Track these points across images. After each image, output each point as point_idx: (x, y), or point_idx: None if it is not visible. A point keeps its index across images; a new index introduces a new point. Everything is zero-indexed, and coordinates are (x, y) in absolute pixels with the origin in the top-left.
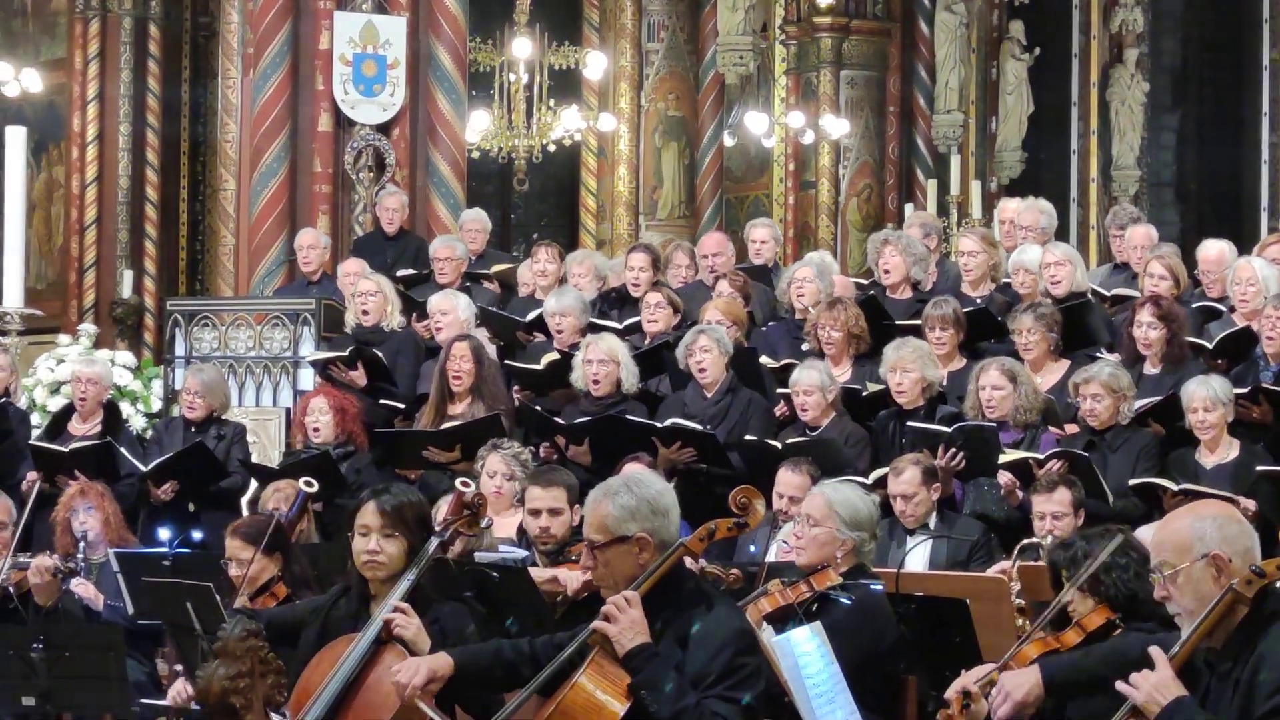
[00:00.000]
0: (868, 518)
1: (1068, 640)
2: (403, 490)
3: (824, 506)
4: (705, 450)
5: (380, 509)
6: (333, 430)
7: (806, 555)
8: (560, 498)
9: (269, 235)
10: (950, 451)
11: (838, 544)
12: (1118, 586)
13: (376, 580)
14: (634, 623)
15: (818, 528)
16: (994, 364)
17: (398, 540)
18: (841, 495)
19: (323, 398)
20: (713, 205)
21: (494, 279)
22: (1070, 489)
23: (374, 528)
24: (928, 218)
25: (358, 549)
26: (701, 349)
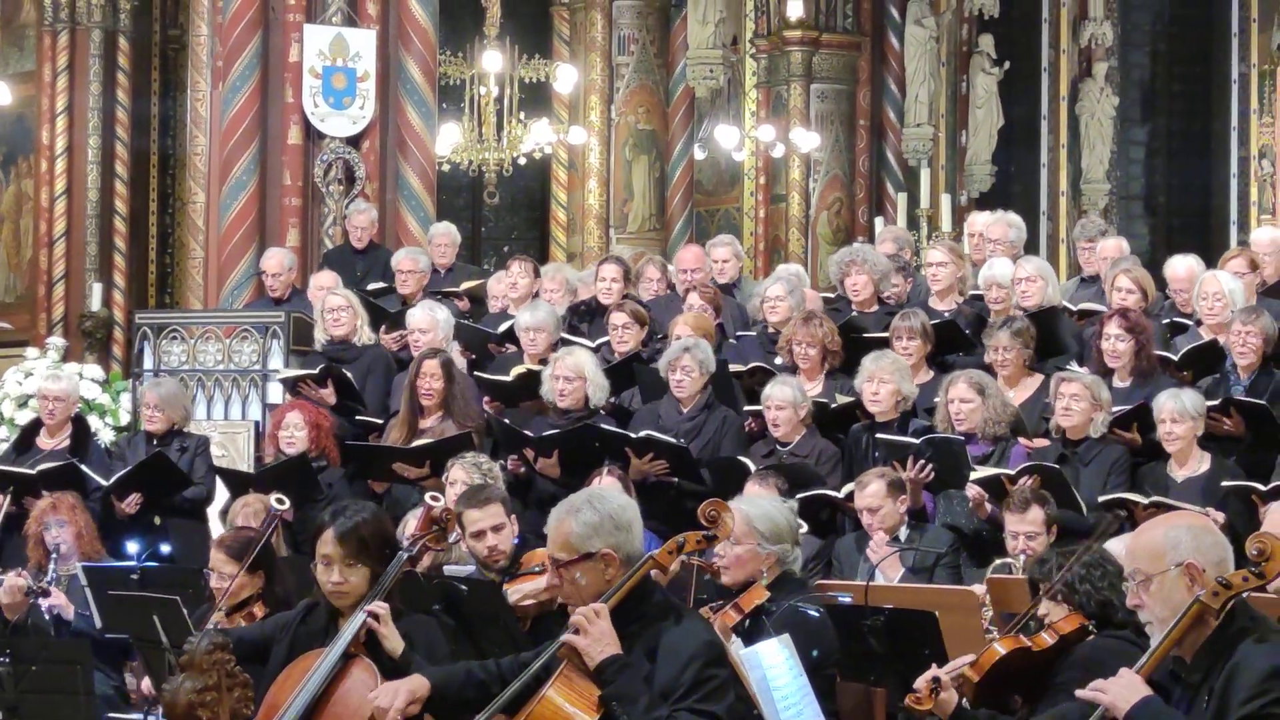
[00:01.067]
0: (787, 528)
1: (1040, 642)
2: (359, 509)
3: (743, 524)
4: (677, 464)
5: (339, 537)
6: (307, 444)
7: (732, 574)
8: (498, 513)
9: (238, 248)
10: (919, 463)
11: (761, 559)
12: (1090, 594)
13: (343, 607)
14: (603, 634)
15: (739, 546)
16: (962, 376)
17: (359, 568)
18: (758, 509)
19: (298, 412)
20: (683, 218)
21: (462, 297)
22: (1043, 507)
23: (335, 558)
24: (898, 231)
25: (321, 579)
26: (683, 368)
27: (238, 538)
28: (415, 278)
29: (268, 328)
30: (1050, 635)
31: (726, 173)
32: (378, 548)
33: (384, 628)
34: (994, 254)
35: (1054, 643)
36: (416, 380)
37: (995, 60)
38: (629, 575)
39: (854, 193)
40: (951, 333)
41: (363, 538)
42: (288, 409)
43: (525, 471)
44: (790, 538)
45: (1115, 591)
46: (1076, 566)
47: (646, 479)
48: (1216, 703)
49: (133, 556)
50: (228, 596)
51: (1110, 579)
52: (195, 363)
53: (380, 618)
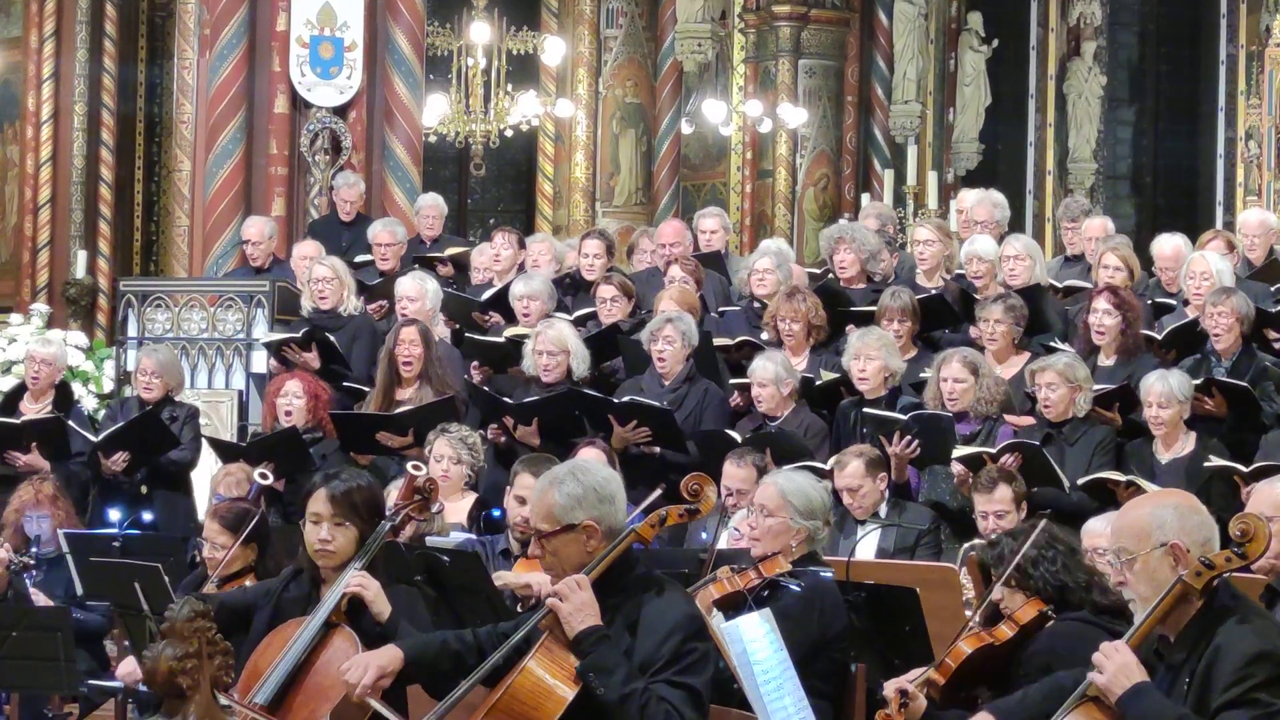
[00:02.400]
0: (821, 505)
1: (1000, 635)
2: (354, 475)
3: (777, 496)
4: (661, 431)
5: (331, 496)
6: (304, 415)
7: (762, 546)
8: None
9: (224, 217)
10: (905, 439)
11: (792, 533)
12: (1045, 578)
13: (328, 568)
14: (584, 604)
15: (772, 518)
16: (956, 355)
17: (348, 528)
18: (794, 484)
19: (299, 381)
20: (669, 193)
21: (446, 262)
22: (1010, 485)
23: (325, 516)
24: (883, 208)
25: (309, 537)
26: (665, 338)
27: (233, 509)
28: (394, 250)
29: (253, 296)
30: (1010, 627)
31: (713, 148)
32: (368, 512)
33: (370, 591)
34: (980, 232)
35: (1014, 634)
36: (395, 348)
37: (984, 38)
38: (611, 548)
39: (841, 169)
40: (940, 308)
41: (355, 500)
42: (288, 377)
43: (506, 441)
44: (823, 516)
45: (1070, 573)
46: (1028, 549)
47: (629, 448)
48: (1198, 686)
49: (115, 524)
50: (220, 567)
51: (1063, 559)
52: (180, 331)
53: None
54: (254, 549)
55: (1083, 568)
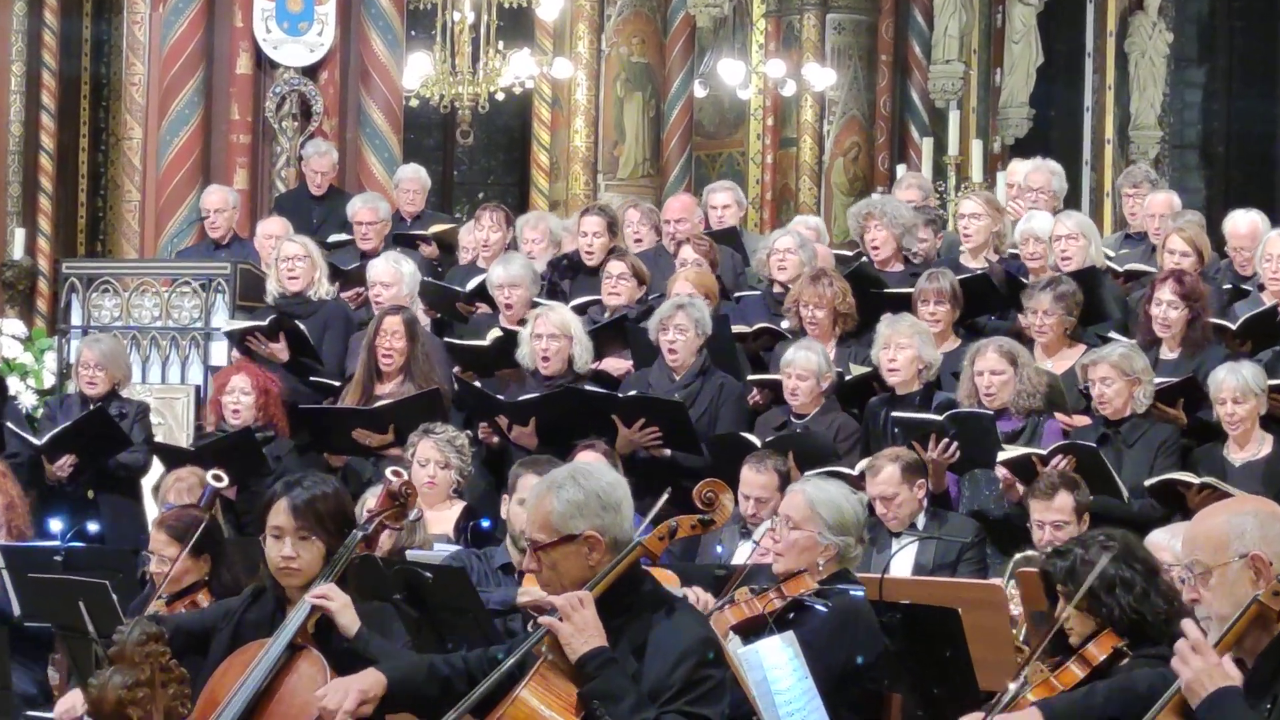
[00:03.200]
0: (854, 520)
1: (1068, 680)
2: (317, 481)
3: (805, 507)
4: (672, 430)
5: (293, 507)
6: (253, 412)
7: (785, 561)
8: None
9: (179, 191)
10: (943, 442)
11: (819, 549)
12: (1121, 608)
13: (293, 587)
14: (587, 624)
15: (798, 531)
16: (990, 345)
17: (314, 543)
18: (825, 494)
19: (245, 376)
20: (680, 163)
21: (430, 240)
22: (1072, 492)
23: (287, 529)
24: (922, 181)
25: (271, 554)
26: (677, 326)
27: (181, 517)
28: (376, 229)
29: (211, 280)
30: (1080, 667)
31: (730, 113)
32: (335, 524)
33: (336, 604)
34: (1033, 205)
35: (1086, 675)
36: (376, 339)
37: None
38: (616, 562)
39: (874, 137)
40: (983, 289)
41: (319, 511)
42: (232, 372)
43: (499, 442)
44: (855, 532)
45: (1147, 600)
46: (1105, 567)
47: (636, 452)
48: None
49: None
50: (169, 582)
51: (1143, 583)
52: (129, 318)
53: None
54: (207, 561)
55: (1164, 594)
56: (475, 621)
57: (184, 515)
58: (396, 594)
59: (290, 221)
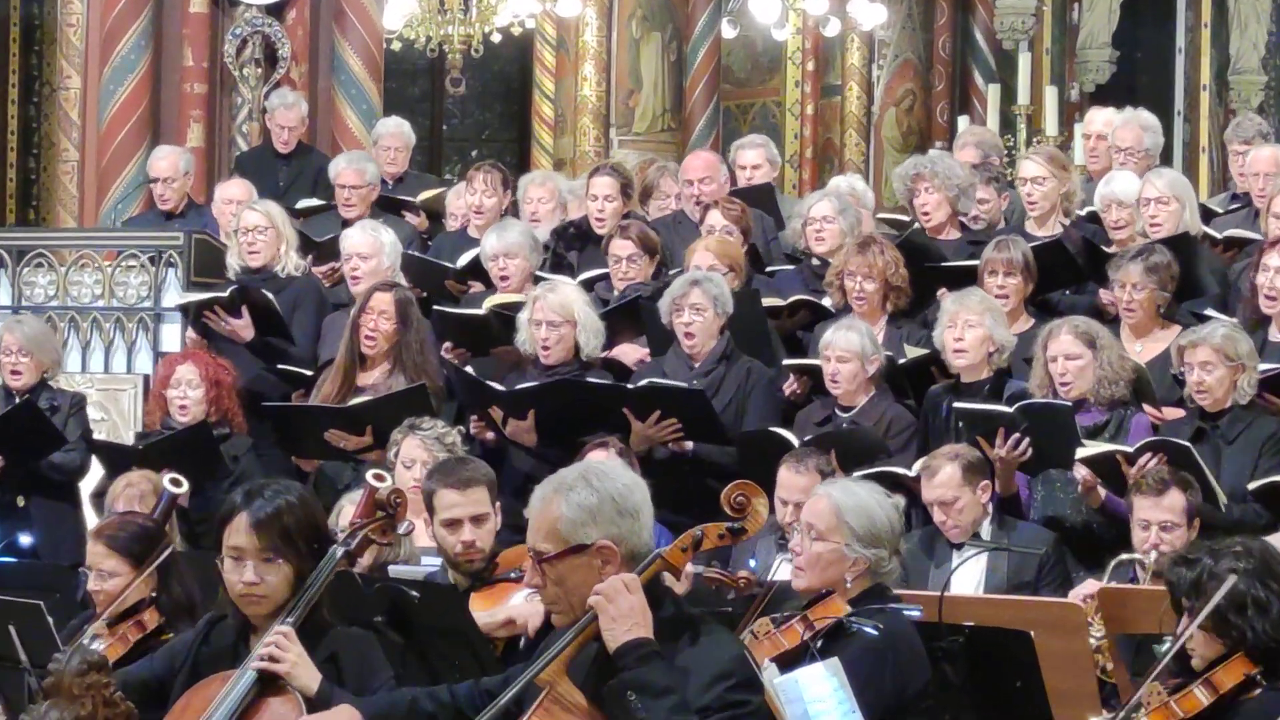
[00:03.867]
0: (887, 529)
1: (1190, 706)
2: (281, 490)
3: (831, 515)
4: (693, 421)
5: (255, 523)
6: (203, 407)
7: (807, 578)
8: (482, 499)
9: (124, 149)
10: (1012, 438)
11: (847, 564)
12: (1254, 631)
13: (259, 616)
14: (631, 611)
15: (822, 542)
16: (1064, 326)
17: (281, 566)
18: (854, 500)
19: (192, 365)
20: (706, 116)
21: (418, 210)
22: (1185, 491)
23: (249, 551)
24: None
25: (230, 579)
26: (693, 307)
27: (124, 525)
28: (362, 195)
29: (162, 253)
30: (1206, 693)
31: (764, 57)
32: (305, 540)
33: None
34: (1123, 165)
35: (1211, 703)
36: (360, 318)
37: None
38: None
39: (931, 84)
40: (1057, 259)
41: (286, 527)
42: (178, 360)
43: (494, 438)
44: (890, 543)
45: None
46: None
47: (654, 450)
48: None
49: None
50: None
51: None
52: (67, 297)
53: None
54: (153, 576)
55: None
56: (470, 647)
57: (128, 523)
58: (377, 616)
59: (253, 184)
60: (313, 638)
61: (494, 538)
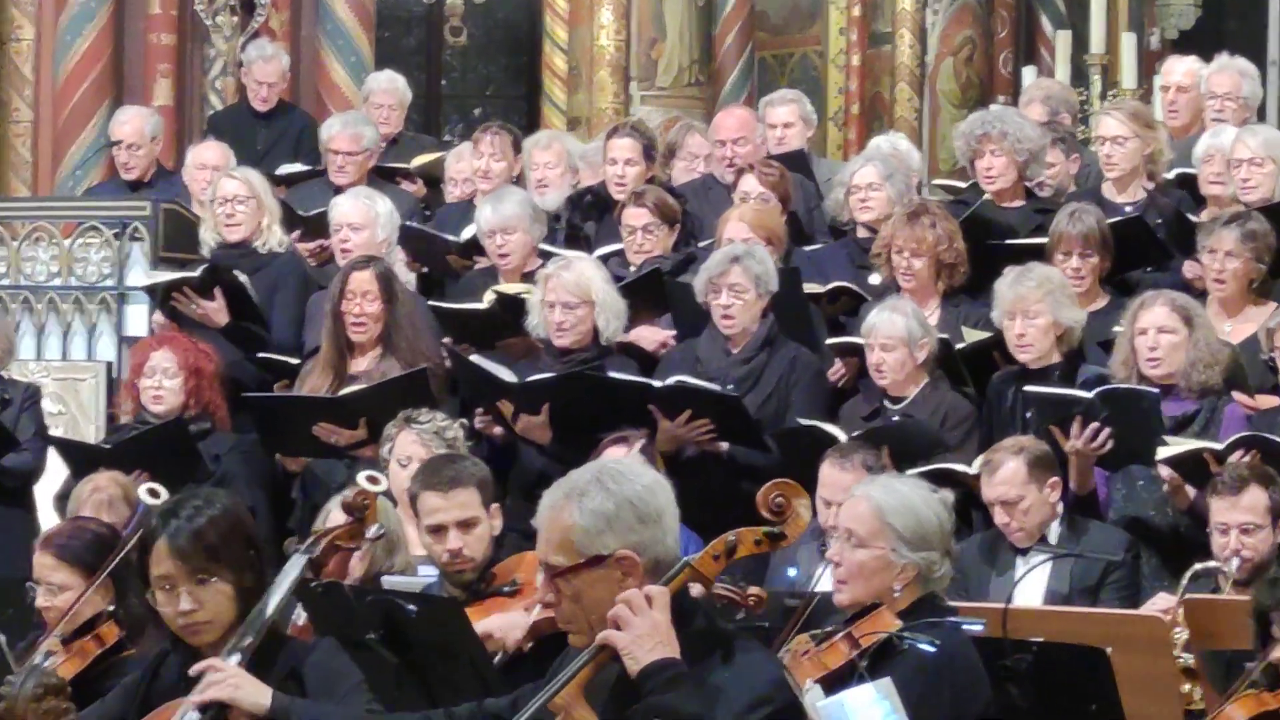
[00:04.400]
0: (936, 528)
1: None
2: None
3: (872, 518)
4: (726, 422)
5: (175, 549)
6: (181, 397)
7: (850, 591)
8: (470, 501)
9: (83, 108)
10: (1090, 427)
11: (894, 571)
12: None
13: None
14: (654, 629)
15: (864, 549)
16: (1158, 300)
17: (216, 585)
18: (897, 499)
19: (168, 351)
20: (739, 68)
21: (415, 177)
22: (1267, 488)
23: (178, 577)
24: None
25: (167, 611)
26: (732, 287)
27: (75, 533)
28: (357, 163)
29: (126, 225)
30: None
31: (803, 1)
32: (236, 550)
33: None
34: (1219, 114)
35: None
36: (342, 302)
37: None
38: None
39: (993, 30)
40: (1138, 235)
41: (211, 542)
42: (152, 345)
43: (502, 434)
44: (940, 544)
45: None
46: None
47: (683, 450)
48: None
49: None
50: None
51: None
52: (20, 275)
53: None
54: (109, 586)
55: None
56: (472, 667)
57: (77, 531)
58: (370, 632)
59: (230, 147)
60: (268, 655)
61: (488, 544)
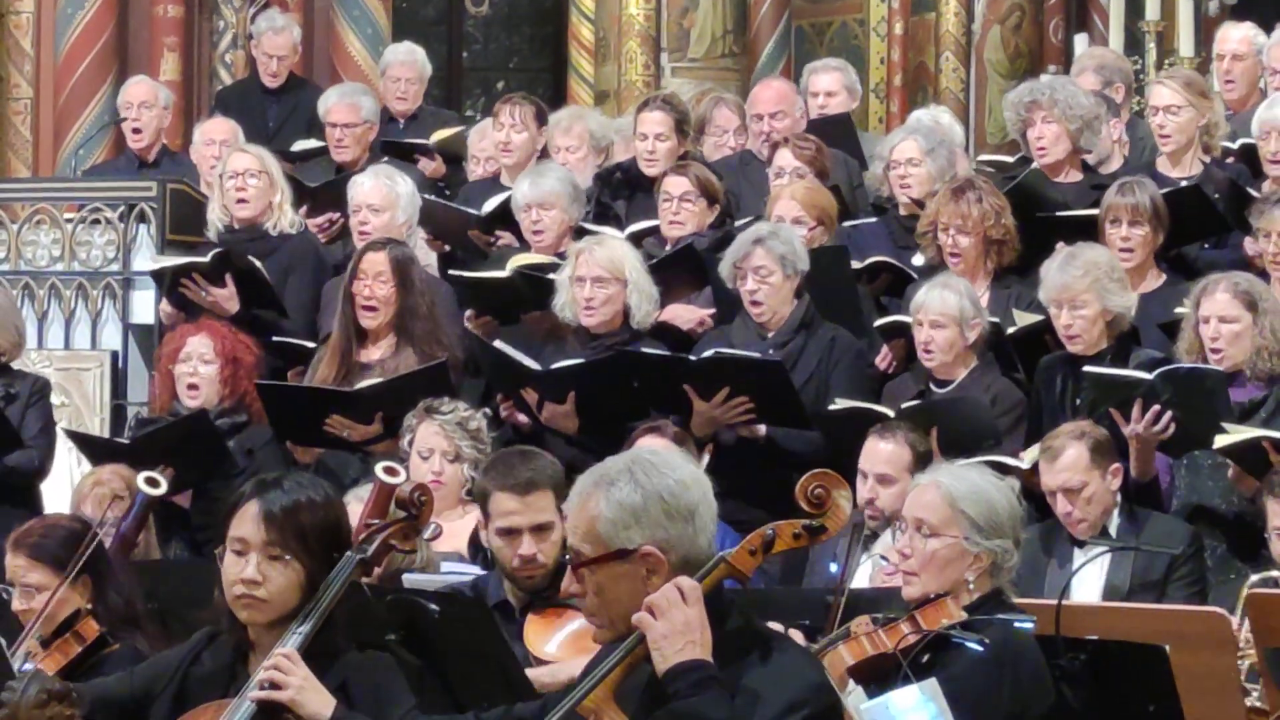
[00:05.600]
0: (1010, 516)
1: None
2: (303, 484)
3: (943, 505)
4: (767, 400)
5: (266, 514)
6: (217, 388)
7: (923, 584)
8: (548, 506)
9: (86, 84)
10: (1152, 410)
11: (968, 561)
12: None
13: (257, 624)
14: (687, 627)
15: (935, 538)
16: (1222, 282)
17: (290, 566)
18: (969, 485)
19: (206, 337)
20: (775, 38)
21: (434, 153)
22: None
23: (254, 544)
24: (1109, 56)
25: (228, 574)
26: (756, 271)
27: (48, 532)
28: (356, 135)
29: (132, 207)
30: None
31: None
32: (322, 544)
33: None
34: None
35: None
36: (353, 284)
37: None
38: None
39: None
40: (1195, 207)
41: (301, 524)
42: (190, 330)
43: (527, 424)
44: (1013, 532)
45: None
46: None
47: (719, 434)
48: None
49: None
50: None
51: None
52: (20, 260)
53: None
54: (86, 583)
55: None
56: (500, 669)
57: (50, 529)
58: (391, 634)
59: (239, 124)
60: (322, 662)
61: (560, 549)
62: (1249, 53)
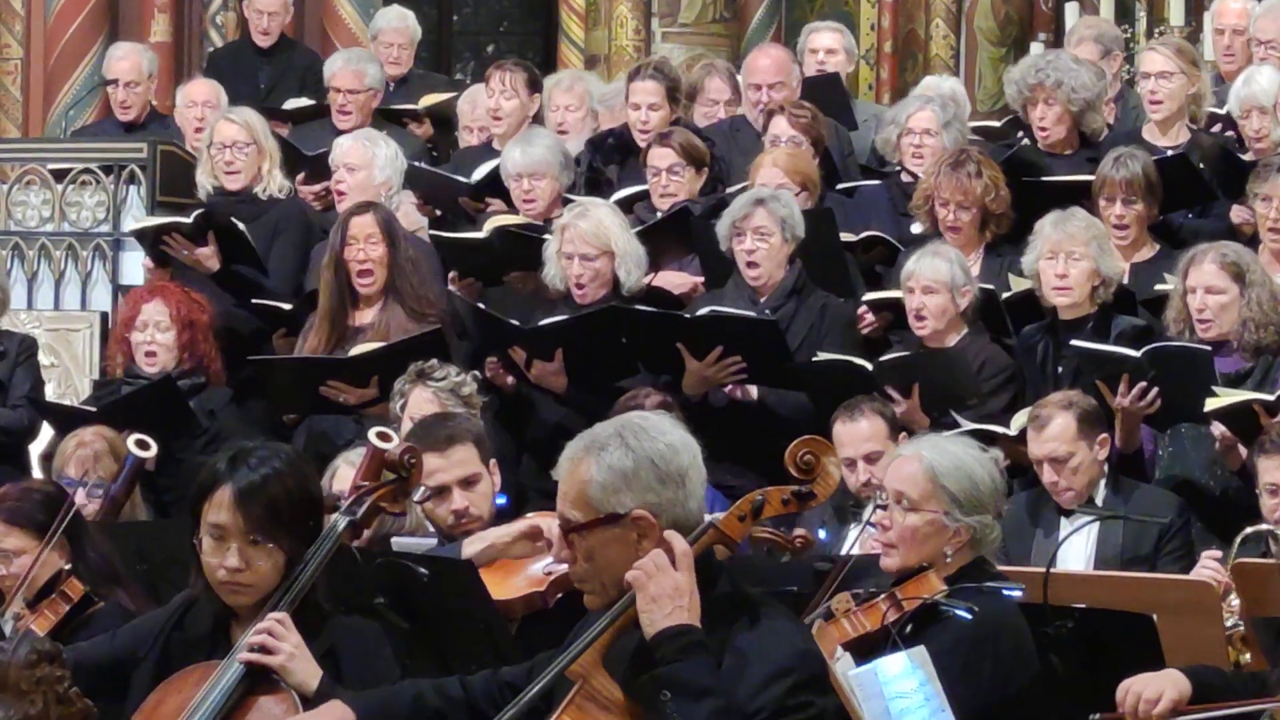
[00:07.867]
0: (990, 490)
1: None
2: (270, 455)
3: (924, 479)
4: (759, 360)
5: (240, 498)
6: (174, 351)
7: (901, 556)
8: (469, 458)
9: (76, 45)
10: (1139, 386)
11: (948, 535)
12: None
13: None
14: (675, 592)
15: (916, 513)
16: (1210, 253)
17: (269, 550)
18: (950, 459)
19: (160, 302)
20: (766, 3)
21: (423, 118)
22: None
23: (233, 531)
24: (1104, 26)
25: (210, 562)
26: (756, 231)
27: (24, 495)
28: (359, 102)
29: (122, 168)
30: None
31: None
32: (298, 517)
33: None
34: (1265, 60)
35: None
36: (343, 250)
37: None
38: None
39: None
40: (1181, 176)
41: (275, 502)
42: (143, 297)
43: (514, 383)
44: (993, 506)
45: None
46: None
47: (710, 395)
48: None
49: None
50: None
51: None
52: (9, 220)
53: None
54: (64, 544)
55: None
56: (488, 633)
57: (26, 493)
58: (379, 597)
59: (227, 88)
60: (308, 628)
61: (492, 501)
62: (1248, 25)
